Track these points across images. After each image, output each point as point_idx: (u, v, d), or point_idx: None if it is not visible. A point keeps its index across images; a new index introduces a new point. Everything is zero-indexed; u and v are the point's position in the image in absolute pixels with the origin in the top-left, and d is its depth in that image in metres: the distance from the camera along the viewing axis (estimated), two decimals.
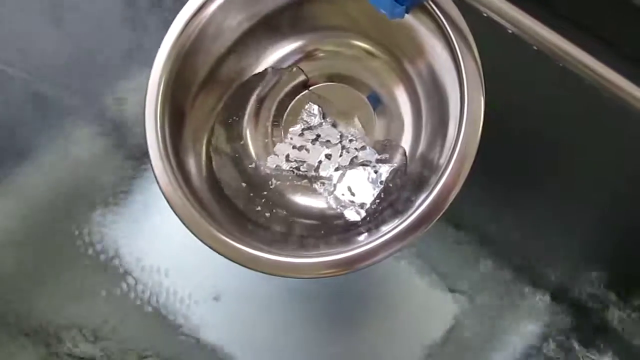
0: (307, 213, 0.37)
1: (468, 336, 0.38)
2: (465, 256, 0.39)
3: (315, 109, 0.38)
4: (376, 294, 0.39)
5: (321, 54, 0.39)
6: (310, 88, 0.39)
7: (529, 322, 0.38)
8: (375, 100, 0.38)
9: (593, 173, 0.39)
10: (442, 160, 0.32)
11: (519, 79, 0.39)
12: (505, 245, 0.39)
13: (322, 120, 0.38)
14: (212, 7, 0.34)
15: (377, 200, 0.36)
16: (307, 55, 0.39)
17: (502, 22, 0.27)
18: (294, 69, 0.39)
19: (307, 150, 0.38)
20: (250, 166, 0.38)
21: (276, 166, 0.38)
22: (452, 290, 0.39)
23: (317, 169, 0.38)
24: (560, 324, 0.38)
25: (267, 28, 0.37)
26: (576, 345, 0.38)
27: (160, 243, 0.41)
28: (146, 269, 0.40)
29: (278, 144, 0.38)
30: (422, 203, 0.31)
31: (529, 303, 0.38)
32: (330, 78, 0.39)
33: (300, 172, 0.38)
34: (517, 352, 0.38)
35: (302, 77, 0.39)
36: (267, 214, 0.36)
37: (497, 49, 0.29)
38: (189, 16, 0.34)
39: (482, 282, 0.38)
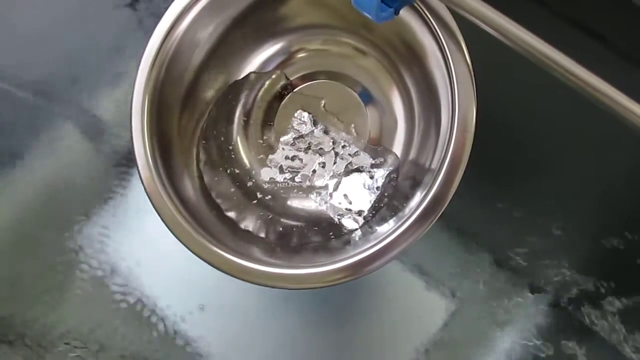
0: (303, 217, 0.37)
1: (460, 336, 0.38)
2: (456, 257, 0.39)
3: (305, 116, 0.38)
4: (368, 295, 0.39)
5: (307, 54, 0.38)
6: (297, 89, 0.38)
7: (520, 322, 0.38)
8: (367, 97, 0.38)
9: (585, 175, 0.39)
10: (436, 160, 0.32)
11: (511, 80, 0.39)
12: (497, 246, 0.39)
13: (314, 127, 0.38)
14: (187, 20, 0.33)
15: (374, 205, 0.36)
16: (292, 56, 0.38)
17: (490, 30, 0.27)
18: (275, 74, 0.38)
19: (301, 159, 0.38)
20: (243, 176, 0.38)
21: (270, 179, 0.37)
22: (443, 291, 0.39)
23: (311, 179, 0.37)
24: (551, 324, 0.38)
25: (245, 32, 0.36)
26: (567, 346, 0.38)
27: (148, 250, 0.40)
28: (135, 275, 0.40)
29: (271, 155, 0.38)
30: (420, 205, 0.31)
31: (520, 303, 0.38)
32: (319, 76, 0.38)
33: (295, 183, 0.37)
34: (509, 352, 0.38)
35: (285, 81, 0.38)
36: (264, 223, 0.36)
37: (489, 50, 0.28)
38: (164, 33, 0.33)
39: (474, 282, 0.38)
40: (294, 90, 0.38)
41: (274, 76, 0.38)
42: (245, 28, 0.36)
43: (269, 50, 0.38)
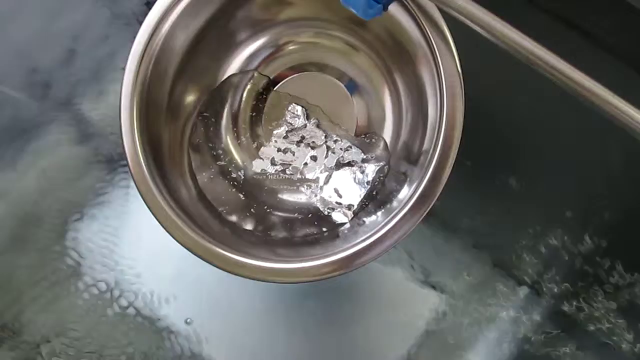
0: (295, 210, 0.37)
1: (452, 334, 0.39)
2: (449, 255, 0.39)
3: (298, 110, 0.38)
4: (361, 294, 0.39)
5: (296, 46, 0.38)
6: (282, 82, 0.38)
7: (510, 316, 0.39)
8: (354, 88, 0.38)
9: (576, 171, 0.39)
10: (424, 154, 0.32)
11: (501, 78, 0.39)
12: (490, 245, 0.39)
13: (306, 122, 0.38)
14: (172, 17, 0.33)
15: (364, 199, 0.36)
16: (281, 49, 0.38)
17: (477, 28, 0.26)
18: (256, 75, 0.38)
19: (293, 152, 0.38)
20: (235, 173, 0.38)
21: (262, 170, 0.38)
22: (435, 289, 0.39)
23: (302, 172, 0.37)
24: (543, 321, 0.38)
25: (232, 26, 0.36)
26: (559, 342, 0.38)
27: (143, 250, 0.40)
28: (129, 276, 0.40)
29: (263, 147, 0.38)
30: (409, 200, 0.31)
31: (510, 297, 0.39)
32: (307, 68, 0.38)
33: (287, 175, 0.37)
34: (501, 349, 0.38)
35: (267, 80, 0.38)
36: (256, 218, 0.36)
37: (478, 46, 0.28)
38: (150, 31, 0.33)
39: (466, 280, 0.39)
40: (277, 87, 0.38)
41: (255, 75, 0.38)
42: (232, 21, 0.36)
43: (256, 44, 0.38)
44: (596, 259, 0.38)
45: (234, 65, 0.38)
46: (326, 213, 0.36)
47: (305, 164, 0.37)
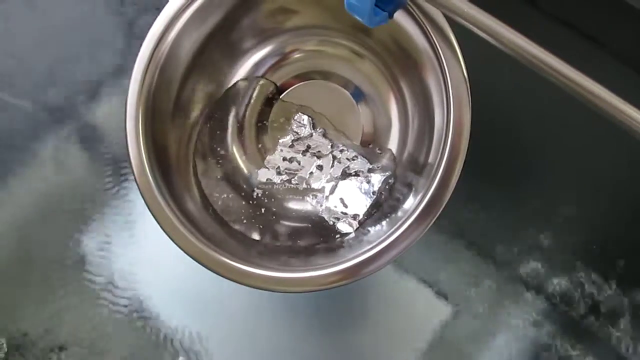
0: (300, 219, 0.37)
1: (458, 338, 0.38)
2: (454, 259, 0.39)
3: (305, 119, 0.38)
4: (366, 298, 0.39)
5: (302, 54, 0.38)
6: (286, 92, 0.38)
7: (519, 324, 0.38)
8: (360, 96, 0.38)
9: (579, 172, 0.39)
10: (431, 162, 0.32)
11: (506, 82, 0.39)
12: (494, 248, 0.39)
13: (312, 131, 0.38)
14: (178, 25, 0.33)
15: (370, 209, 0.36)
16: (287, 57, 0.38)
17: (482, 34, 0.26)
18: (262, 81, 0.38)
19: (298, 162, 0.38)
20: (241, 181, 0.38)
21: (267, 179, 0.38)
22: (441, 293, 0.39)
23: (308, 181, 0.37)
24: (548, 325, 0.38)
25: (238, 34, 0.36)
26: (568, 348, 0.38)
27: (148, 257, 0.40)
28: (134, 283, 0.40)
29: (269, 156, 0.38)
30: (416, 208, 0.31)
31: (519, 305, 0.38)
32: (313, 76, 0.38)
33: (292, 185, 0.37)
34: (507, 353, 0.38)
35: (273, 87, 0.38)
36: (261, 226, 0.36)
37: (484, 52, 0.28)
38: (156, 39, 0.33)
39: (472, 283, 0.39)
40: (283, 95, 0.38)
41: (262, 82, 0.38)
42: (238, 29, 0.36)
43: (262, 52, 0.38)
44: (601, 262, 0.38)
45: (240, 73, 0.38)
46: (331, 223, 0.36)
47: (311, 173, 0.37)
